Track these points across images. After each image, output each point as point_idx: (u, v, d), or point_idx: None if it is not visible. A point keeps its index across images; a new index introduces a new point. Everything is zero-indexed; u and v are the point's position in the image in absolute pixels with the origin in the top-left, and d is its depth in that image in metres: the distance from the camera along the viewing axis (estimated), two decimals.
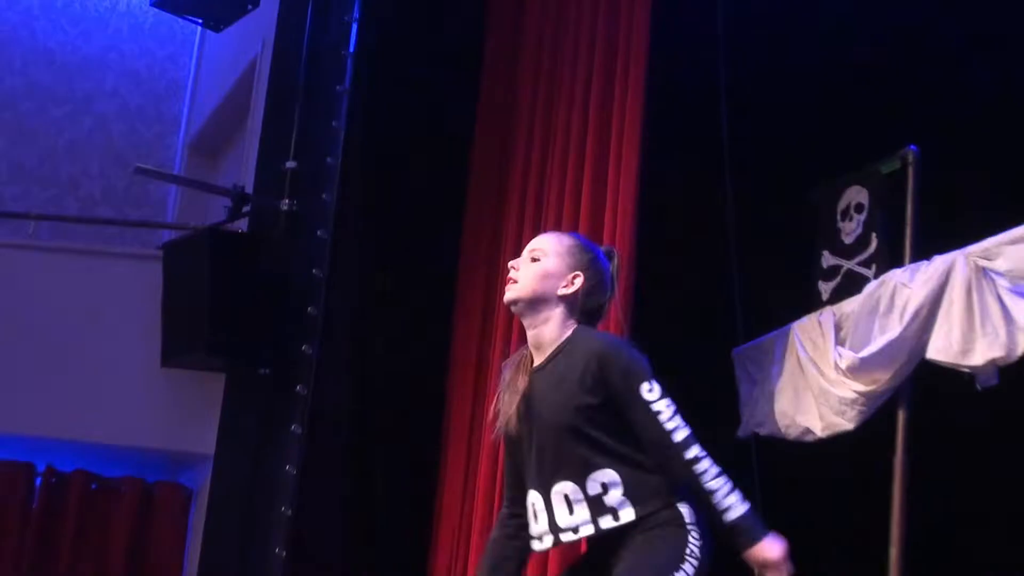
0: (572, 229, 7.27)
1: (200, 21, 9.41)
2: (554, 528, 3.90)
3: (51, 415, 9.28)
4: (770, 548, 3.72)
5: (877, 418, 6.48)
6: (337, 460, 8.13)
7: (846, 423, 6.58)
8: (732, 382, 7.36)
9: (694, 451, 3.72)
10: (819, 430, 6.70)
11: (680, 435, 3.73)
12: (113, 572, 9.42)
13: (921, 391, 6.42)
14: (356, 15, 8.66)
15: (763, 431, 7.06)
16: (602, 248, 4.26)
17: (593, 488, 3.80)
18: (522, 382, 4.02)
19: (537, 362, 4.05)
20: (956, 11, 7.78)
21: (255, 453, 8.34)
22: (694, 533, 3.78)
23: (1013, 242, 6.06)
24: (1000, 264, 6.07)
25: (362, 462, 8.16)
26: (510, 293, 4.09)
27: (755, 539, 3.71)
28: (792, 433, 6.89)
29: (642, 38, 7.25)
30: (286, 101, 8.89)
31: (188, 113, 11.24)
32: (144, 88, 11.23)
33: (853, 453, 6.78)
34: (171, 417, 9.18)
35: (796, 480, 7.34)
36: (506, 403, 4.05)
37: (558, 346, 4.00)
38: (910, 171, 6.57)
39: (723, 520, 3.70)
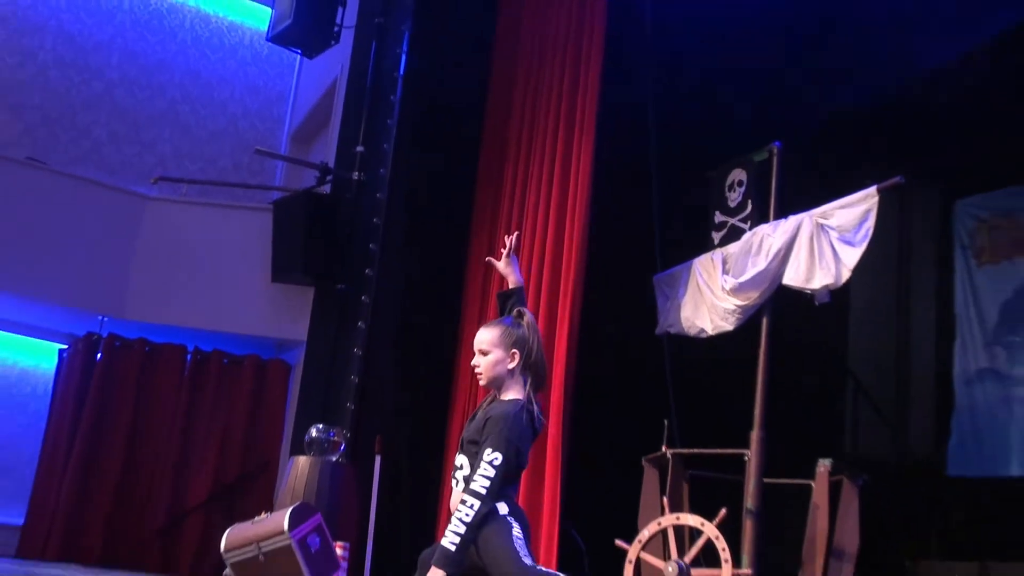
0: (547, 203, 7.36)
1: (299, 51, 9.40)
2: (455, 473, 4.14)
3: (198, 313, 9.37)
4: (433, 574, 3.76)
5: (749, 323, 6.57)
6: (388, 345, 8.18)
7: (728, 326, 6.65)
8: (653, 297, 7.41)
9: (474, 501, 3.80)
10: (710, 330, 6.76)
11: (480, 486, 3.84)
12: (238, 421, 9.49)
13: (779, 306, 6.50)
14: (405, 48, 8.64)
15: (672, 330, 7.09)
16: (512, 318, 4.30)
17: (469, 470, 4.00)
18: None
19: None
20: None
21: (334, 340, 8.39)
22: (509, 519, 3.92)
23: (841, 207, 6.12)
24: (833, 222, 6.13)
25: (405, 346, 8.23)
26: (481, 381, 4.25)
27: (439, 563, 3.73)
28: (691, 331, 6.93)
29: (596, 68, 7.32)
30: (357, 106, 8.88)
31: (290, 113, 11.26)
32: (260, 96, 11.23)
33: (732, 345, 6.84)
34: (278, 315, 9.25)
35: (693, 360, 7.42)
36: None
37: (496, 400, 4.17)
38: (774, 159, 6.59)
39: (445, 538, 3.78)
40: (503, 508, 3.92)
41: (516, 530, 3.90)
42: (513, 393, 4.13)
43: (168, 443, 9.33)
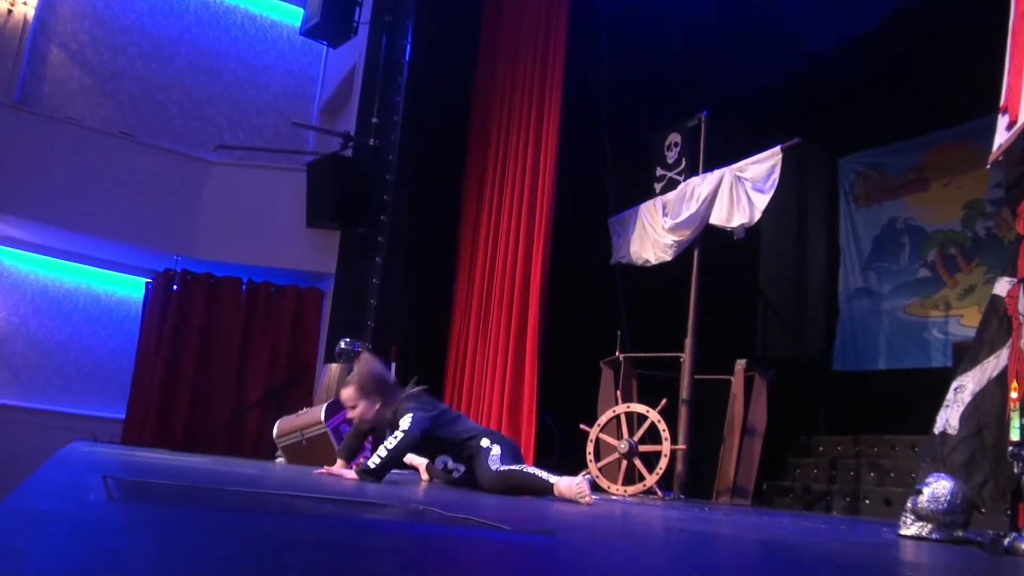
0: (524, 162, 7.25)
1: (326, 43, 9.17)
2: None
3: (251, 251, 9.21)
4: (345, 472, 3.86)
5: (683, 254, 6.51)
6: (399, 275, 8.10)
7: (667, 257, 6.61)
8: (608, 236, 7.34)
9: (392, 443, 3.80)
10: (653, 260, 6.73)
11: (395, 439, 3.83)
12: (283, 336, 9.39)
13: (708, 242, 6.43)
14: (409, 40, 8.47)
15: (624, 260, 7.06)
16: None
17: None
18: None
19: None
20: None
21: (357, 272, 8.30)
22: (492, 446, 3.95)
23: (754, 162, 6.07)
24: (747, 174, 6.08)
25: (412, 275, 8.13)
26: (364, 427, 4.21)
27: (359, 472, 3.79)
28: (638, 262, 6.89)
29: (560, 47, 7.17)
30: (371, 86, 8.70)
31: (319, 92, 10.99)
32: (296, 78, 10.95)
33: (670, 272, 6.77)
34: (313, 252, 9.07)
35: (640, 285, 7.37)
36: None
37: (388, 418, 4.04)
38: (702, 125, 6.52)
39: (372, 460, 3.80)
40: (485, 443, 3.96)
41: (495, 450, 3.93)
42: (393, 406, 4.06)
43: (230, 354, 9.26)
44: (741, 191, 6.08)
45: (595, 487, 5.55)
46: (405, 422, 3.86)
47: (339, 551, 1.12)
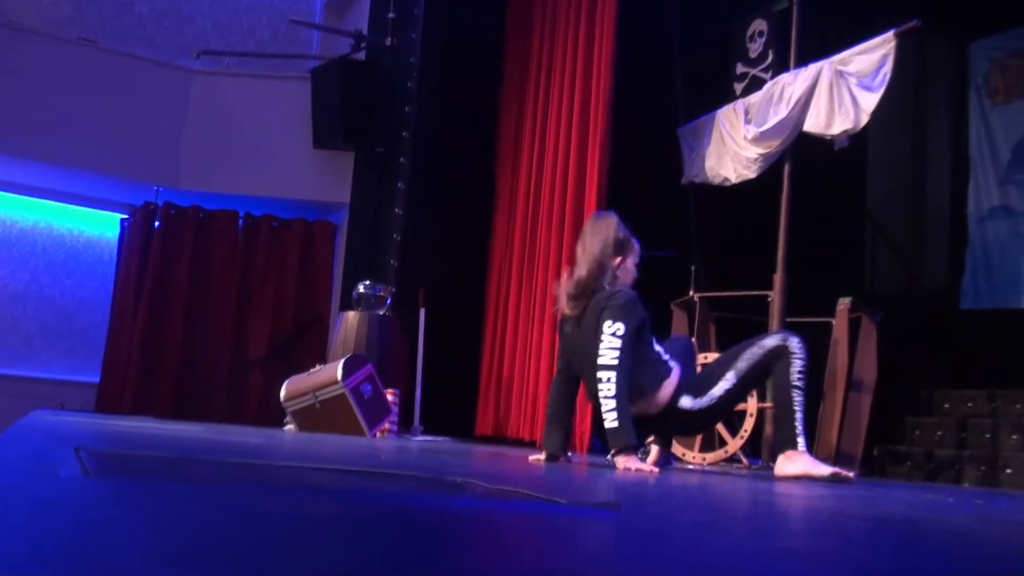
0: (575, 58, 7.19)
1: None
2: None
3: (247, 180, 9.26)
4: (623, 460, 3.70)
5: (770, 170, 6.46)
6: (427, 203, 8.14)
7: (750, 174, 6.57)
8: (678, 149, 7.29)
9: (607, 387, 3.79)
10: (733, 178, 6.69)
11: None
12: (290, 280, 9.49)
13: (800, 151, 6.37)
14: None
15: (697, 180, 7.03)
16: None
17: None
18: None
19: None
20: None
21: (375, 201, 8.37)
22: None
23: (860, 53, 6.00)
24: (851, 68, 6.01)
25: (443, 203, 8.17)
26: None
27: (617, 446, 3.73)
28: (716, 181, 6.86)
29: None
30: None
31: None
32: None
33: (752, 191, 6.71)
34: (322, 179, 9.14)
35: (718, 208, 7.33)
36: None
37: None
38: (794, 7, 6.42)
39: (605, 424, 3.75)
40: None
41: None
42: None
43: (225, 303, 9.37)
44: (844, 89, 6.00)
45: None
46: (609, 331, 3.88)
47: (365, 528, 1.13)
